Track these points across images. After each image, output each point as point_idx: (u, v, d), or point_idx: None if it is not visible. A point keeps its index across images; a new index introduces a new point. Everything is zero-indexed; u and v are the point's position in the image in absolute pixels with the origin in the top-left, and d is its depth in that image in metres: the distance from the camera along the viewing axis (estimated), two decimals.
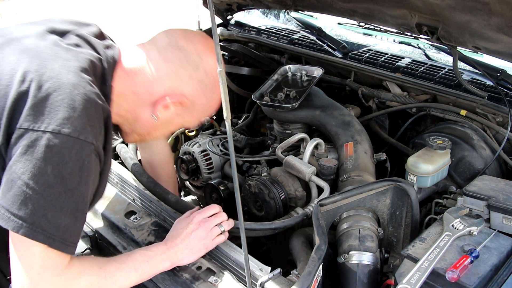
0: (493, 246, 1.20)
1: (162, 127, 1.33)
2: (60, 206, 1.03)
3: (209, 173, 2.01)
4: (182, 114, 1.30)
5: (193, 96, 1.26)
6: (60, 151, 1.01)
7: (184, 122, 1.35)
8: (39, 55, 1.10)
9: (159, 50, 1.23)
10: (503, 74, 1.89)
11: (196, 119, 1.36)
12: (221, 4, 2.70)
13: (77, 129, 1.03)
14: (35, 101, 1.03)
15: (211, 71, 1.26)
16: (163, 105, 1.24)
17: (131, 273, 1.24)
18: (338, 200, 1.41)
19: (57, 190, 1.02)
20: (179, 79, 1.23)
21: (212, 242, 1.38)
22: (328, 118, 1.86)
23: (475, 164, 1.72)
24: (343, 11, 1.93)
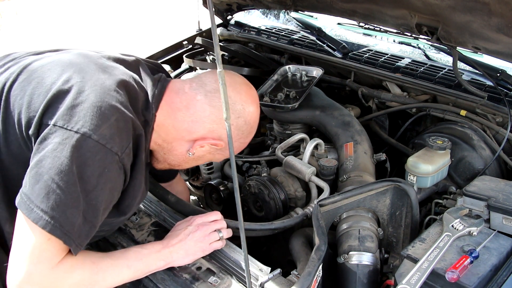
0: (493, 247, 1.20)
1: (193, 161, 1.40)
2: (77, 205, 1.08)
3: (209, 173, 2.02)
4: (214, 153, 1.37)
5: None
6: (85, 153, 1.07)
7: (213, 159, 1.42)
8: (85, 67, 1.21)
9: (206, 94, 1.28)
10: (503, 74, 1.89)
11: (225, 157, 1.42)
12: (221, 4, 2.70)
13: (105, 137, 1.09)
14: (74, 102, 1.11)
15: (250, 120, 1.35)
16: (200, 144, 1.30)
17: (124, 270, 1.25)
18: (338, 201, 1.41)
19: (77, 189, 1.07)
20: (220, 125, 1.29)
21: (209, 246, 1.38)
22: (328, 118, 1.86)
23: (475, 164, 1.72)
24: (343, 11, 1.93)
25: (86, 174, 1.08)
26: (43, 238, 1.08)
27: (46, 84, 1.16)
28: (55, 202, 1.05)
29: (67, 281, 1.14)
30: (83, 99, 1.11)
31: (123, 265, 1.25)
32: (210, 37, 2.68)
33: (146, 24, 6.82)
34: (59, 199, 1.05)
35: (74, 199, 1.07)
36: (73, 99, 1.11)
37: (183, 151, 1.33)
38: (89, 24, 7.07)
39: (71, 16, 7.49)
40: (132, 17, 7.24)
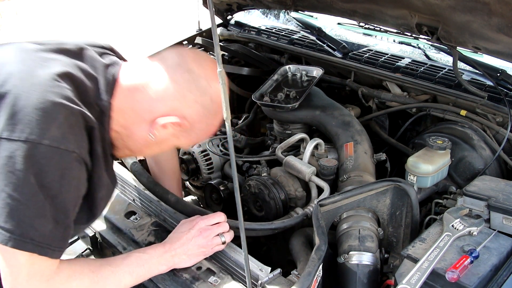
0: (493, 246, 1.20)
1: (156, 146, 1.29)
2: (44, 213, 1.03)
3: (209, 173, 2.01)
4: (179, 135, 1.26)
5: (194, 120, 1.23)
6: (40, 161, 1.01)
7: (179, 143, 1.32)
8: (20, 66, 1.10)
9: (167, 69, 1.20)
10: (503, 74, 1.89)
11: (191, 142, 1.33)
12: (221, 4, 2.70)
13: (57, 139, 1.02)
14: (14, 109, 1.01)
15: (217, 97, 1.23)
16: (161, 124, 1.20)
17: (126, 277, 1.23)
18: (338, 200, 1.41)
19: (40, 198, 1.02)
20: (183, 102, 1.20)
21: (211, 250, 1.37)
22: (328, 118, 1.86)
23: (475, 164, 1.72)
24: (343, 11, 1.93)
25: (46, 181, 1.02)
26: (19, 257, 1.04)
27: None
28: (19, 219, 1.00)
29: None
30: (24, 103, 1.02)
31: (125, 272, 1.23)
32: (210, 37, 2.68)
33: (146, 24, 6.82)
34: (23, 214, 1.00)
35: (39, 209, 1.02)
36: (12, 105, 1.01)
37: (143, 134, 1.23)
38: (89, 24, 7.07)
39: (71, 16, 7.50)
40: (132, 17, 7.24)
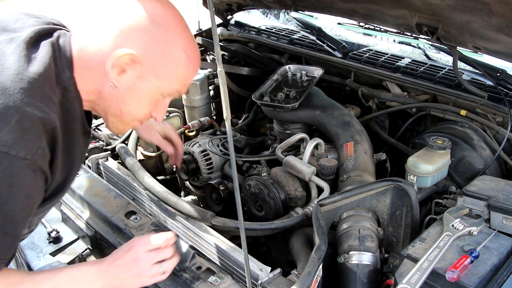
0: (493, 246, 1.20)
1: (130, 97, 1.16)
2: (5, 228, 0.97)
3: (209, 173, 2.01)
4: (145, 75, 1.13)
5: (145, 50, 1.10)
6: (19, 177, 0.95)
7: (155, 87, 1.16)
8: None
9: (95, 12, 1.12)
10: (503, 74, 1.89)
11: (168, 79, 1.16)
12: (221, 4, 2.70)
13: (7, 144, 0.94)
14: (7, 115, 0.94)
15: (156, 18, 1.10)
16: (117, 69, 1.10)
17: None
18: (338, 200, 1.41)
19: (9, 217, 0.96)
20: (121, 35, 1.09)
21: (149, 280, 1.24)
22: (328, 118, 1.86)
23: (475, 164, 1.72)
24: (343, 11, 1.93)
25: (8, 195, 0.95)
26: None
27: None
28: None
29: None
30: None
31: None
32: (210, 37, 2.68)
33: None
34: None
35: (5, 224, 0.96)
36: None
37: (109, 90, 1.14)
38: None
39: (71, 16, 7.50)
40: None
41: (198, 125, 2.22)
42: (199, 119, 2.26)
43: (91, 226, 1.68)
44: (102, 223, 1.67)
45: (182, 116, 2.41)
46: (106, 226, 1.65)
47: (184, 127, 2.22)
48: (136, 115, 1.21)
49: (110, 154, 1.99)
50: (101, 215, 1.67)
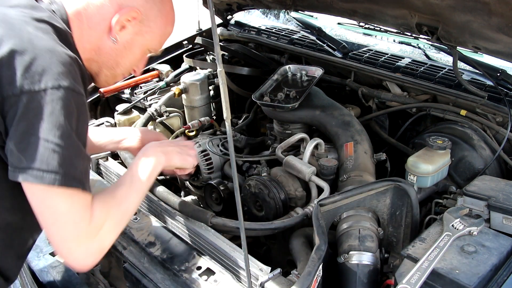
0: (493, 246, 1.20)
1: (127, 51, 1.32)
2: (79, 152, 1.11)
3: (209, 173, 2.01)
4: (141, 31, 1.30)
5: (144, 8, 1.28)
6: (64, 103, 1.07)
7: (147, 42, 1.34)
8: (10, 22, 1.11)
9: None
10: (503, 74, 1.89)
11: (157, 35, 1.35)
12: (221, 4, 2.70)
13: (71, 82, 1.09)
14: (25, 64, 1.05)
15: None
16: (119, 25, 1.26)
17: (141, 185, 1.29)
18: (338, 200, 1.41)
19: (73, 138, 1.09)
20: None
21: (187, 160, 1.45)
22: (328, 118, 1.86)
23: (475, 164, 1.72)
24: (343, 11, 1.93)
25: (72, 120, 1.09)
26: (67, 197, 1.09)
27: None
28: (60, 159, 1.06)
29: (106, 227, 1.17)
30: (31, 56, 1.06)
31: (137, 181, 1.28)
32: (210, 36, 2.68)
33: None
34: (63, 155, 1.06)
35: (73, 148, 1.09)
36: (21, 61, 1.05)
37: (109, 44, 1.28)
38: None
39: None
40: None
41: (198, 125, 2.22)
42: (199, 119, 2.25)
43: None
44: None
45: (182, 116, 2.41)
46: None
47: (184, 127, 2.22)
48: (129, 68, 1.38)
49: (110, 154, 1.99)
50: None
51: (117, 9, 1.25)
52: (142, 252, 1.50)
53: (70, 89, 1.08)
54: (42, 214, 1.12)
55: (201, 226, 1.50)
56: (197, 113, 2.35)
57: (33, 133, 1.05)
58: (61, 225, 1.11)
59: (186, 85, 2.32)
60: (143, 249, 1.50)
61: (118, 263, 1.61)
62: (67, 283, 1.58)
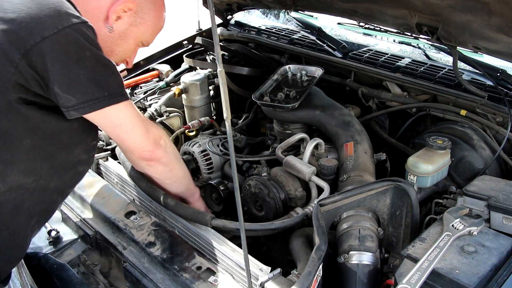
0: (493, 246, 1.20)
1: (122, 40, 1.41)
2: (112, 70, 1.24)
3: (209, 173, 2.01)
4: (135, 22, 1.40)
5: (140, 0, 1.37)
6: (84, 34, 1.17)
7: (140, 33, 1.43)
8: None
9: None
10: (503, 74, 1.89)
11: (150, 27, 1.44)
12: (221, 4, 2.70)
13: (80, 17, 1.19)
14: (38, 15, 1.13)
15: None
16: (115, 15, 1.35)
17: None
18: (338, 200, 1.41)
19: (104, 60, 1.21)
20: None
21: None
22: (328, 118, 1.86)
23: (475, 164, 1.72)
24: (343, 11, 1.93)
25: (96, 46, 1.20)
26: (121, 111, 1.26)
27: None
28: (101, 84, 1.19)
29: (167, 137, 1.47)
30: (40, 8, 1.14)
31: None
32: (210, 37, 2.68)
33: None
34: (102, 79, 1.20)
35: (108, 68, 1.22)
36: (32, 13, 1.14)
37: (105, 32, 1.36)
38: None
39: None
40: None
41: (198, 125, 2.22)
42: (199, 119, 2.25)
43: (91, 226, 1.68)
44: (102, 223, 1.67)
45: (182, 116, 2.41)
46: (106, 226, 1.65)
47: (184, 127, 2.21)
48: (122, 56, 1.48)
49: (110, 154, 1.99)
50: (101, 215, 1.67)
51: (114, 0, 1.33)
52: (142, 252, 1.50)
53: (82, 22, 1.17)
54: (111, 134, 1.36)
55: (201, 227, 1.50)
56: (197, 113, 2.35)
57: (70, 71, 1.15)
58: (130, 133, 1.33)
59: (186, 85, 2.32)
60: (143, 249, 1.50)
61: (118, 263, 1.61)
62: (67, 283, 1.58)
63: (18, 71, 1.12)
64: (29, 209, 1.30)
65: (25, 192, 1.26)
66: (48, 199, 1.35)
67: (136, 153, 1.43)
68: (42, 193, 1.31)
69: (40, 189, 1.29)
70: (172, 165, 1.54)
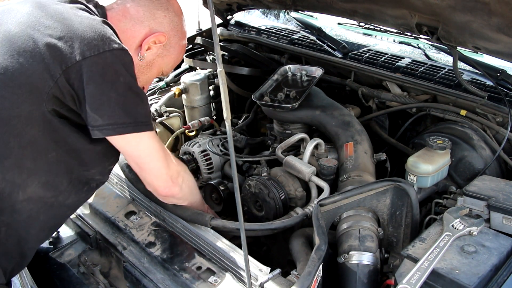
0: (493, 246, 1.20)
1: (147, 69, 1.48)
2: (141, 99, 1.28)
3: (209, 173, 2.01)
4: (162, 54, 1.47)
5: (169, 34, 1.44)
6: (122, 60, 1.23)
7: (164, 64, 1.51)
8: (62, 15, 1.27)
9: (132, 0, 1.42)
10: (503, 74, 1.89)
11: (172, 60, 1.52)
12: (221, 4, 2.70)
13: (120, 44, 1.25)
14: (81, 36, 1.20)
15: (177, 11, 1.47)
16: (147, 46, 1.41)
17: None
18: (338, 200, 1.41)
19: (136, 88, 1.25)
20: (156, 19, 1.41)
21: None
22: (328, 118, 1.86)
23: (475, 164, 1.72)
24: (343, 11, 1.93)
25: (132, 73, 1.25)
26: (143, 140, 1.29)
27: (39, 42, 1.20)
28: (129, 110, 1.22)
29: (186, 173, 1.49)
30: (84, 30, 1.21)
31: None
32: (210, 37, 2.68)
33: None
34: (130, 105, 1.23)
35: (139, 97, 1.26)
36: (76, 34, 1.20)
37: (136, 60, 1.40)
38: None
39: None
40: None
41: (198, 125, 2.22)
42: (199, 119, 2.26)
43: (91, 226, 1.68)
44: (102, 223, 1.67)
45: (182, 116, 2.41)
46: (106, 226, 1.65)
47: (184, 127, 2.22)
48: (143, 83, 1.52)
49: None
50: (101, 215, 1.67)
51: (148, 31, 1.40)
52: (142, 252, 1.50)
53: (122, 49, 1.23)
54: (130, 162, 1.38)
55: (201, 227, 1.50)
56: (197, 113, 2.35)
57: (102, 92, 1.19)
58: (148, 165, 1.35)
59: (186, 85, 2.32)
60: (143, 249, 1.50)
61: (118, 263, 1.61)
62: (67, 283, 1.58)
63: (56, 85, 1.17)
64: (42, 222, 1.33)
65: (43, 205, 1.30)
66: (63, 214, 1.40)
67: (152, 186, 1.44)
68: (58, 209, 1.35)
69: (57, 205, 1.33)
70: (186, 199, 1.54)
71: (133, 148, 1.31)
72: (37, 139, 1.21)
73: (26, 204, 1.26)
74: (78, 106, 1.22)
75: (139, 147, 1.31)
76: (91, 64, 1.18)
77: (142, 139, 1.29)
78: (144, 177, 1.41)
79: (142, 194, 1.66)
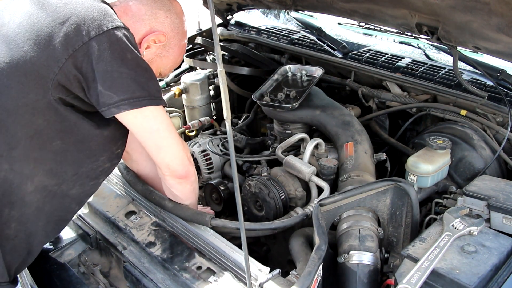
0: (493, 246, 1.20)
1: None
2: (152, 74, 1.28)
3: (209, 173, 2.02)
4: (161, 54, 1.46)
5: (169, 35, 1.44)
6: (126, 37, 1.24)
7: (162, 65, 1.49)
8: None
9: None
10: (503, 74, 1.89)
11: (171, 61, 1.51)
12: (221, 4, 2.70)
13: (122, 23, 1.27)
14: (83, 18, 1.21)
15: (179, 13, 1.47)
16: (146, 44, 1.40)
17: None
18: (338, 200, 1.41)
19: (144, 63, 1.26)
20: (157, 19, 1.41)
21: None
22: (328, 118, 1.86)
23: (475, 164, 1.72)
24: (343, 11, 1.93)
25: (137, 50, 1.25)
26: (159, 114, 1.29)
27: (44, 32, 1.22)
28: (143, 84, 1.23)
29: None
30: (86, 12, 1.22)
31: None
32: (210, 37, 2.68)
33: None
34: (143, 80, 1.24)
35: (149, 72, 1.26)
36: (79, 18, 1.21)
37: None
38: None
39: None
40: None
41: (198, 125, 2.23)
42: (199, 119, 2.26)
43: (91, 226, 1.67)
44: (102, 223, 1.67)
45: (182, 116, 2.41)
46: (106, 226, 1.65)
47: (184, 127, 2.22)
48: None
49: None
50: (101, 215, 1.67)
51: (148, 30, 1.40)
52: (142, 252, 1.50)
53: (125, 27, 1.24)
54: (148, 140, 1.34)
55: (201, 227, 1.49)
56: (197, 113, 2.35)
57: (113, 69, 1.19)
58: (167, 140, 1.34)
59: (186, 85, 2.32)
60: (143, 249, 1.50)
61: (118, 263, 1.61)
62: (67, 283, 1.58)
63: (62, 71, 1.17)
64: (48, 213, 1.32)
65: (47, 194, 1.29)
66: (67, 206, 1.38)
67: (170, 168, 1.41)
68: (62, 199, 1.34)
69: (61, 194, 1.32)
70: (195, 186, 1.54)
71: (150, 124, 1.30)
72: (43, 128, 1.21)
73: (34, 195, 1.26)
74: (86, 90, 1.21)
75: (157, 121, 1.30)
76: (99, 43, 1.18)
77: (159, 113, 1.29)
78: (163, 157, 1.39)
79: (141, 195, 1.66)
